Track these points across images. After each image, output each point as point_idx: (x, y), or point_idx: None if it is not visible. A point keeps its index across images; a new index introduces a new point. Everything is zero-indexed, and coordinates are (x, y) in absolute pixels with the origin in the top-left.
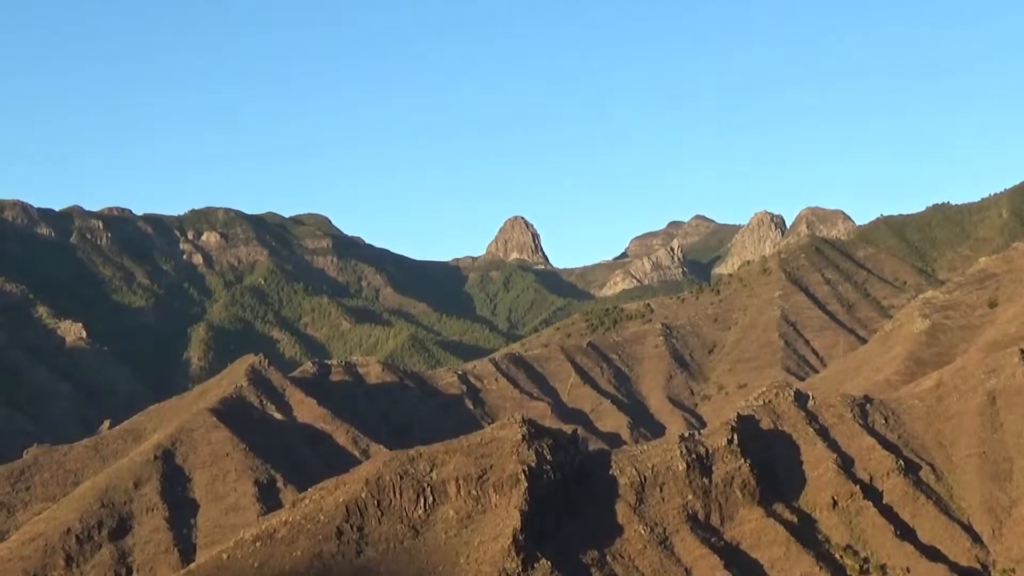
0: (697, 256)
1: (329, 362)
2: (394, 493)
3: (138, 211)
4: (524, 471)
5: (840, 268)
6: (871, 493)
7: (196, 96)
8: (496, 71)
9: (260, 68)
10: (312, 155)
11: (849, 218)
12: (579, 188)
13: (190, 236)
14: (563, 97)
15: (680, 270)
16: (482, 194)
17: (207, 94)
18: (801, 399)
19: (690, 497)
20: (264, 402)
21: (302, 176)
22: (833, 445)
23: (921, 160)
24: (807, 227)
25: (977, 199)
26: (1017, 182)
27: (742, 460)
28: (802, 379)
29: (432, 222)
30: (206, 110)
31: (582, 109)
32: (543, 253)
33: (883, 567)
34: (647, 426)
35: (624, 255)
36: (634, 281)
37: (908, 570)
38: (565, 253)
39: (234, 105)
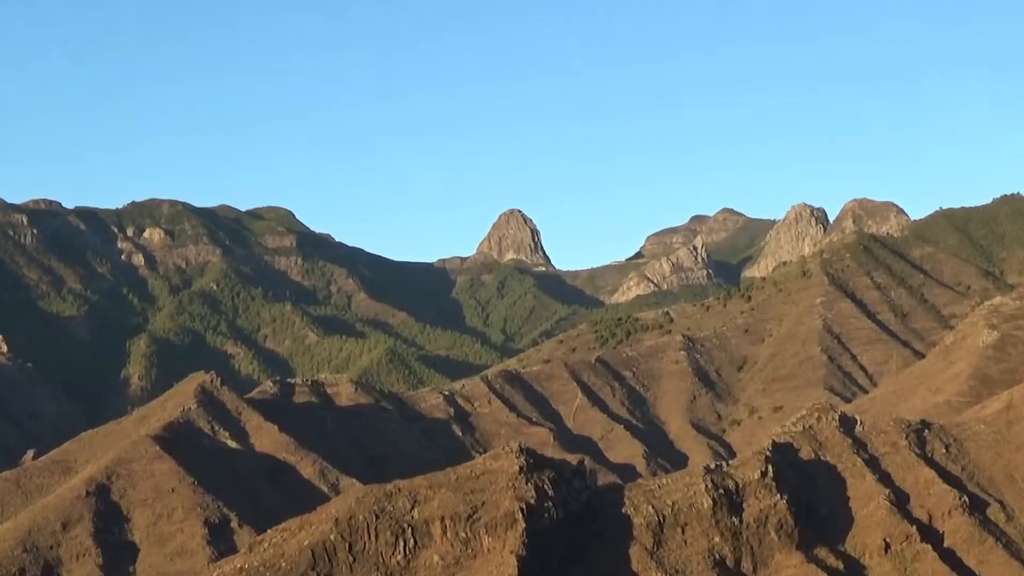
0: (724, 256)
1: (292, 381)
2: (368, 535)
3: (69, 204)
4: (521, 509)
5: (892, 270)
6: (930, 535)
7: (137, 75)
8: (490, 47)
9: (213, 46)
10: (272, 140)
11: (903, 212)
12: (586, 177)
13: (130, 233)
14: (566, 75)
15: (704, 272)
16: (472, 185)
17: (149, 73)
18: (847, 424)
19: (717, 539)
20: (216, 428)
21: (261, 164)
22: (885, 478)
23: (985, 145)
24: (853, 222)
25: None
26: None
27: (778, 496)
28: (848, 400)
29: (414, 217)
30: (148, 91)
31: (588, 88)
32: (544, 253)
33: None
34: (666, 456)
35: (639, 255)
36: (651, 285)
37: None
38: (570, 253)
39: (181, 85)
